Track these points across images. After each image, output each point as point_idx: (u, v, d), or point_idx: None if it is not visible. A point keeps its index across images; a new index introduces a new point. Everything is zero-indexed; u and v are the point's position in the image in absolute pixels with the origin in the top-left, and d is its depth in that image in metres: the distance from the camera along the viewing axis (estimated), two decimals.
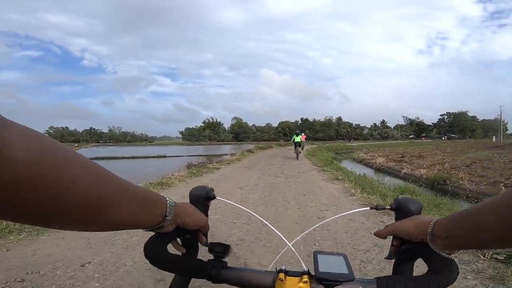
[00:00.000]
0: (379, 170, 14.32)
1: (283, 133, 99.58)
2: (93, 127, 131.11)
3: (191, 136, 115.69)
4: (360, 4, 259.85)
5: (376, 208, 0.53)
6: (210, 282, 0.44)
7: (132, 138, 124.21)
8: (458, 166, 12.05)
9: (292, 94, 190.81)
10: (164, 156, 26.45)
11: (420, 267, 0.47)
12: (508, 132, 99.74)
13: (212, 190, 0.55)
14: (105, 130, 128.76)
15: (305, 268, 0.43)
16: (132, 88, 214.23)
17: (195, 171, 7.88)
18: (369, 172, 12.99)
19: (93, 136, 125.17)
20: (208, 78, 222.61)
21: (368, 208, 0.57)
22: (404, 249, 0.47)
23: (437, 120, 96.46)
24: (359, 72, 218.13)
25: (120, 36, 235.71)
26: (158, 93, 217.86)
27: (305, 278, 0.41)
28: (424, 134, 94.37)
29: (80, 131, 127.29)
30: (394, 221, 0.50)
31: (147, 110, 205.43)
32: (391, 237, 0.49)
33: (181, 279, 0.49)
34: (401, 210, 0.49)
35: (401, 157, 17.15)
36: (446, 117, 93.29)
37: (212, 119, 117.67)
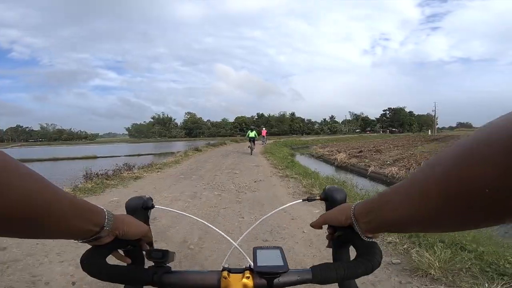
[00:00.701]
0: (341, 167, 12.73)
1: (240, 128, 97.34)
2: (20, 124, 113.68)
3: (138, 132, 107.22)
4: (316, 3, 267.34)
5: (308, 199, 0.58)
6: None
7: (69, 136, 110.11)
8: (420, 162, 11.08)
9: (249, 90, 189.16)
10: (94, 157, 21.94)
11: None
12: (439, 126, 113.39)
13: (151, 199, 0.54)
14: (36, 128, 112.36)
15: (247, 265, 0.45)
16: (72, 82, 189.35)
17: (90, 186, 4.94)
18: (332, 171, 11.46)
19: (20, 135, 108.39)
20: (160, 72, 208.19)
21: (301, 200, 0.62)
22: (337, 236, 0.50)
23: (380, 115, 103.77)
24: (311, 70, 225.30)
25: (59, 27, 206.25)
26: (102, 88, 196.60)
27: (247, 273, 0.43)
28: (369, 129, 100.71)
29: (5, 129, 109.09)
30: (325, 211, 0.53)
31: (90, 106, 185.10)
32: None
33: None
34: (329, 200, 0.53)
35: (359, 152, 16.07)
36: (388, 112, 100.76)
37: (163, 114, 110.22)
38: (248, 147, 13.46)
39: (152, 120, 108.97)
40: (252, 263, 0.44)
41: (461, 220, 0.26)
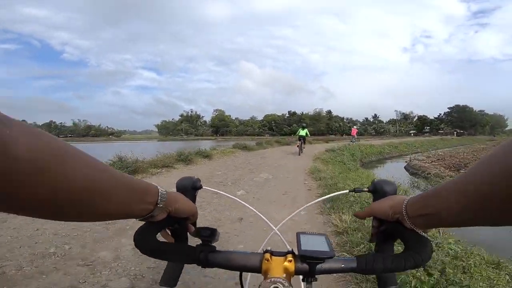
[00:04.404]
0: None
1: (269, 127, 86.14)
2: (54, 120, 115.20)
3: (165, 129, 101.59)
4: (349, 0, 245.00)
5: (355, 190, 0.55)
6: (200, 267, 0.45)
7: (96, 132, 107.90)
8: None
9: (279, 89, 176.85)
10: None
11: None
12: (509, 128, 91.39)
13: (199, 180, 0.55)
14: (69, 123, 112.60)
15: (289, 249, 0.45)
16: (114, 82, 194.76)
17: None
18: None
19: (53, 130, 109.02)
20: (194, 72, 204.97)
21: (348, 191, 0.59)
22: (383, 230, 0.48)
23: (442, 114, 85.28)
24: (346, 68, 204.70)
25: (102, 29, 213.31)
26: (141, 87, 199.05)
27: (289, 257, 0.42)
28: (427, 129, 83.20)
29: (40, 124, 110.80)
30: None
31: (129, 104, 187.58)
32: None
33: (173, 266, 0.50)
34: (377, 192, 0.51)
35: None
36: (453, 111, 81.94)
37: (192, 111, 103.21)
38: (297, 146, 11.73)
39: (180, 117, 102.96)
40: (289, 247, 0.45)
41: None
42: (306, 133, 12.08)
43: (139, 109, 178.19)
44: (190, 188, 0.53)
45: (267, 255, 0.43)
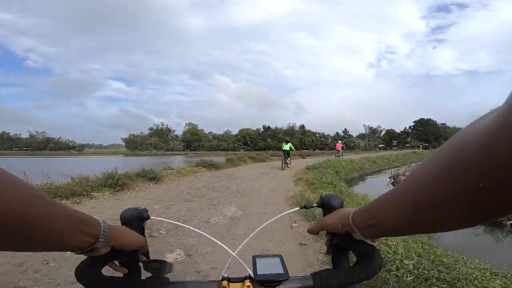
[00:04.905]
0: None
1: (244, 141, 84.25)
2: (7, 131, 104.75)
3: (132, 143, 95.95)
4: (319, 16, 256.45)
5: (305, 207, 0.58)
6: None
7: (56, 146, 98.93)
8: None
9: (253, 103, 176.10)
10: None
11: None
12: None
13: (146, 210, 0.52)
14: (25, 135, 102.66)
15: (250, 273, 0.44)
16: (80, 92, 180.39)
17: None
18: None
19: (5, 142, 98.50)
20: (167, 84, 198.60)
21: (299, 208, 0.61)
22: (336, 243, 0.50)
23: (408, 127, 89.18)
24: (318, 83, 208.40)
25: (71, 37, 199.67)
26: (109, 98, 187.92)
27: (247, 282, 0.43)
28: (395, 143, 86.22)
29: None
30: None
31: (95, 116, 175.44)
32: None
33: None
34: (325, 206, 0.52)
35: None
36: (418, 124, 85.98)
37: (162, 125, 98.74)
38: (283, 162, 11.65)
39: (150, 131, 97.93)
40: (251, 272, 0.44)
41: (456, 220, 0.28)
42: (290, 148, 12.09)
43: (106, 122, 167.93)
44: (136, 220, 0.50)
45: (224, 283, 0.42)
